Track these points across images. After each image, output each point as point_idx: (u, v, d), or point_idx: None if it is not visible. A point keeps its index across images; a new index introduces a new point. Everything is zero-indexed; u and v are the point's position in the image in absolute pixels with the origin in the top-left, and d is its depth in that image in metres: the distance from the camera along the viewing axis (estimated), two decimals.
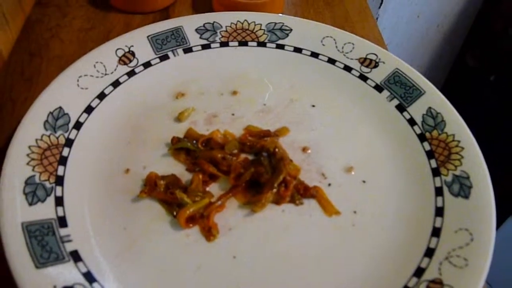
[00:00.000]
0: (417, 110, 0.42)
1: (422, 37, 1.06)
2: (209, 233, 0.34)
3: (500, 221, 1.06)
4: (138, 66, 0.44)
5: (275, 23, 0.48)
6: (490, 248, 0.32)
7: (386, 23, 0.96)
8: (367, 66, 0.45)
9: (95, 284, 0.30)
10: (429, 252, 0.33)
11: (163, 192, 0.36)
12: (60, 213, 0.33)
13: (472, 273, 0.31)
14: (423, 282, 0.32)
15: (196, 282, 0.32)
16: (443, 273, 0.32)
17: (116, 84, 0.43)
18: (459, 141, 0.39)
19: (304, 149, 0.40)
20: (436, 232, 0.35)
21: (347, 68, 0.46)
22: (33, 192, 0.33)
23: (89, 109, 0.40)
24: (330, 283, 0.33)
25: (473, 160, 0.37)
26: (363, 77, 0.45)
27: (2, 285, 0.30)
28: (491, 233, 0.33)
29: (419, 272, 0.32)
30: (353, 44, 0.46)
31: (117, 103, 0.42)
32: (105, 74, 0.43)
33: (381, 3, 0.89)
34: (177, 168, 0.38)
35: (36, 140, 0.36)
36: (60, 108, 0.39)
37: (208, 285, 0.32)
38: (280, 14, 0.49)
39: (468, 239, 0.33)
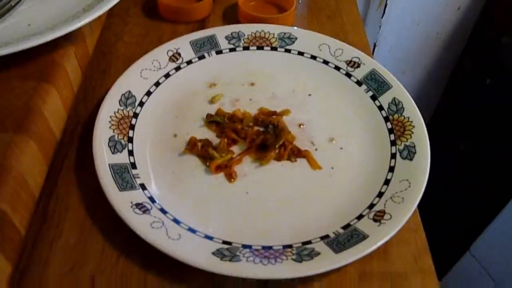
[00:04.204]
0: (385, 99, 0.56)
1: (423, 42, 1.19)
2: (230, 177, 0.49)
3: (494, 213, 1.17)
4: (183, 63, 0.59)
5: (285, 33, 0.62)
6: (420, 192, 0.46)
7: (390, 29, 1.10)
8: (351, 67, 0.59)
9: (155, 204, 0.45)
10: (380, 194, 0.47)
11: (200, 149, 0.51)
12: (132, 160, 0.49)
13: (405, 207, 0.45)
14: (372, 212, 0.46)
15: (221, 208, 0.47)
16: (386, 206, 0.46)
17: (167, 76, 0.58)
18: (412, 122, 0.52)
19: (300, 125, 0.55)
20: (387, 182, 0.49)
21: (337, 68, 0.60)
22: (114, 146, 0.49)
23: (148, 93, 0.55)
24: (313, 211, 0.47)
25: (419, 135, 0.51)
26: (348, 75, 0.59)
27: (100, 199, 0.46)
28: (423, 183, 0.47)
29: (371, 206, 0.46)
30: (342, 49, 0.60)
31: (168, 89, 0.57)
32: (159, 69, 0.58)
33: (383, 14, 1.03)
34: (209, 135, 0.53)
35: (114, 112, 0.51)
36: (129, 91, 0.54)
37: (230, 210, 0.47)
38: (290, 26, 0.65)
39: (407, 186, 0.47)
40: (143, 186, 0.47)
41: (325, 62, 0.61)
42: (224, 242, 0.43)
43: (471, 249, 1.26)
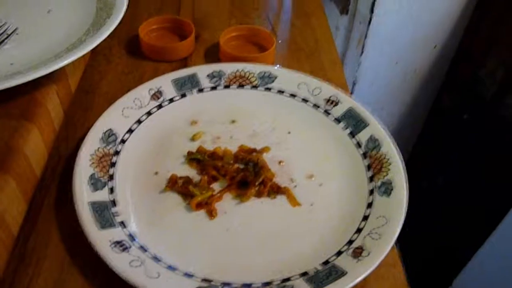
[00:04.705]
0: (362, 136, 0.57)
1: (401, 79, 1.22)
2: (211, 214, 0.49)
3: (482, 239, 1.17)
4: (165, 101, 0.60)
5: (265, 72, 0.64)
6: (397, 228, 0.47)
7: (368, 67, 1.13)
8: (330, 105, 0.61)
9: (135, 242, 0.46)
10: (359, 231, 0.48)
11: (181, 187, 0.51)
12: (112, 198, 0.49)
13: (383, 243, 0.46)
14: (351, 248, 0.47)
15: (201, 245, 0.47)
16: (365, 243, 0.46)
17: (149, 114, 0.58)
18: (388, 159, 0.54)
19: (280, 162, 0.56)
20: (365, 218, 0.49)
21: (316, 106, 0.61)
22: (95, 184, 0.49)
23: (130, 131, 0.56)
24: (293, 247, 0.48)
25: (396, 172, 0.52)
26: (327, 113, 0.61)
27: (80, 237, 0.46)
28: (400, 219, 0.48)
29: (350, 242, 0.47)
30: (320, 88, 0.62)
31: (150, 127, 0.57)
32: (141, 107, 0.58)
33: (362, 52, 1.06)
34: (190, 172, 0.54)
35: (95, 150, 0.52)
36: (111, 129, 0.55)
37: (210, 247, 0.47)
38: (270, 65, 0.66)
39: (384, 222, 0.48)
40: (123, 224, 0.47)
41: (304, 100, 0.62)
42: (204, 280, 0.44)
43: (453, 284, 1.26)
